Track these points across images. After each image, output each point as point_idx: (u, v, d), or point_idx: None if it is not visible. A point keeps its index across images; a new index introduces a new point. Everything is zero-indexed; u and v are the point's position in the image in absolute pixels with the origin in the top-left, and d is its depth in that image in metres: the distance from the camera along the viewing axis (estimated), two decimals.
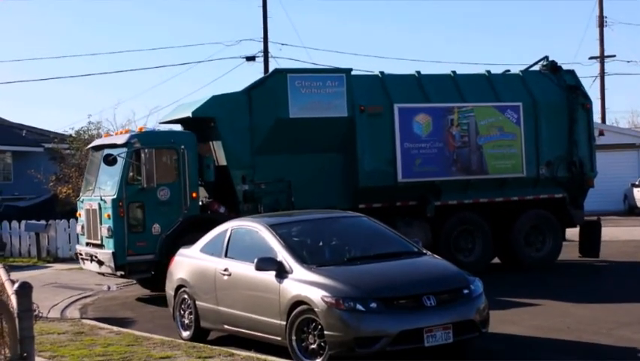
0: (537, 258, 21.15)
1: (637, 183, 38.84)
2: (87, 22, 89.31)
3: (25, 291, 8.01)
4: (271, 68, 35.31)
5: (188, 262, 13.74)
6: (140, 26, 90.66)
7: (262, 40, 42.74)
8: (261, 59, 42.51)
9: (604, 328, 13.29)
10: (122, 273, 18.21)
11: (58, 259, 27.11)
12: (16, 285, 8.12)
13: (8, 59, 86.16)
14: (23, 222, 28.42)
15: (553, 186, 21.48)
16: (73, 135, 35.41)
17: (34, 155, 41.15)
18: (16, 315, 7.98)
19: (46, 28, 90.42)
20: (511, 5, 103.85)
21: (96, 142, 20.66)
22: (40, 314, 12.16)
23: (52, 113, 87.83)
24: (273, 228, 12.48)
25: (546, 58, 22.43)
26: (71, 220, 26.60)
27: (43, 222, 27.98)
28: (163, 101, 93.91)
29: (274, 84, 19.45)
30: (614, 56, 50.74)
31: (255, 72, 68.17)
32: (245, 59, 42.57)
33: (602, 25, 48.97)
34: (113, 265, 17.95)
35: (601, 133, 24.28)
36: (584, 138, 21.85)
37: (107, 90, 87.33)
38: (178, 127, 21.02)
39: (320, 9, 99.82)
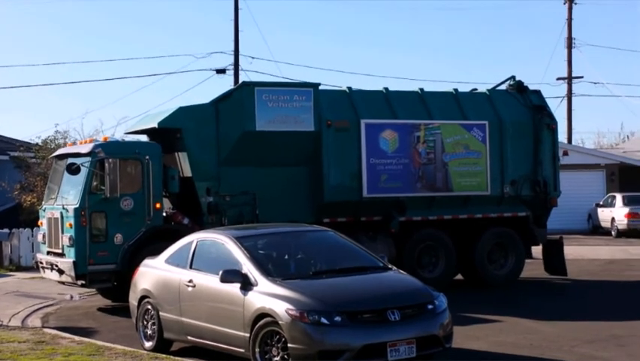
0: (500, 275, 21.26)
1: (601, 203, 39.23)
2: (58, 31, 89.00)
3: None
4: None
5: (153, 273, 13.65)
6: (111, 36, 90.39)
7: (233, 53, 42.68)
8: (232, 72, 42.41)
9: (566, 345, 13.36)
10: (83, 282, 18.07)
11: (20, 268, 26.91)
12: None
13: None
14: None
15: (517, 204, 21.60)
16: (40, 144, 35.16)
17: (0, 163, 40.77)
18: None
19: (15, 34, 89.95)
20: (481, 26, 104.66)
21: (60, 151, 20.51)
22: (0, 323, 12.11)
23: (19, 121, 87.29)
24: (239, 240, 12.45)
25: (513, 78, 22.56)
26: (35, 229, 26.31)
27: (6, 230, 27.74)
28: (132, 111, 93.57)
29: (241, 97, 19.43)
30: (582, 77, 51.37)
31: (225, 85, 67.94)
32: (215, 72, 42.45)
33: (570, 46, 49.40)
34: (73, 274, 17.81)
35: (565, 153, 24.49)
36: (548, 157, 22.00)
37: (76, 99, 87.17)
38: (144, 137, 20.92)
39: (291, 25, 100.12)
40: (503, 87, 22.67)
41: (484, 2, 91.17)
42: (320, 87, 20.19)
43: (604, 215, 38.70)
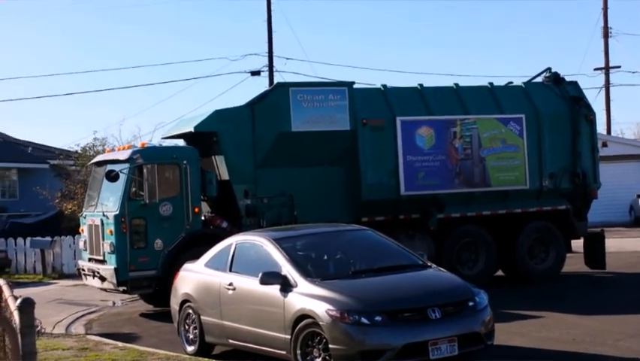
0: (541, 270, 21.09)
1: None
2: (96, 41, 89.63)
3: (27, 307, 7.98)
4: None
5: (193, 277, 13.71)
6: (146, 44, 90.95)
7: (267, 54, 42.70)
8: (266, 74, 42.43)
9: (610, 339, 13.24)
10: (125, 289, 18.18)
11: (63, 276, 27.15)
12: (19, 301, 8.09)
13: (17, 76, 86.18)
14: (28, 239, 28.46)
15: (556, 198, 21.43)
16: (79, 152, 35.48)
17: (40, 171, 41.21)
18: (18, 331, 7.95)
19: (55, 46, 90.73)
20: (516, 18, 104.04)
21: (98, 158, 20.65)
22: (43, 330, 12.19)
23: (58, 130, 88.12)
24: (278, 242, 12.46)
25: (549, 69, 22.38)
26: (76, 237, 26.56)
27: (48, 238, 27.99)
28: (168, 117, 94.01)
29: (276, 98, 19.46)
30: (619, 67, 50.74)
31: (260, 87, 67.91)
32: (250, 74, 42.51)
33: (606, 36, 48.95)
34: (115, 280, 17.92)
35: (604, 144, 24.33)
36: (587, 149, 21.78)
37: (113, 107, 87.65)
38: (181, 142, 21.02)
39: (324, 25, 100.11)
40: (539, 79, 22.47)
41: None
42: (354, 86, 20.18)
43: None
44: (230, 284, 12.62)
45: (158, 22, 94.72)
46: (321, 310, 10.87)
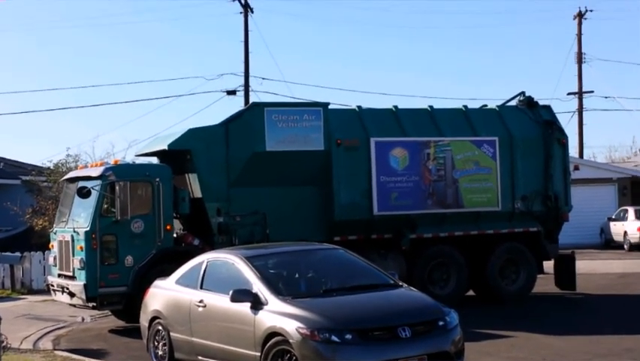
0: (512, 290, 21.19)
1: (613, 217, 39.09)
2: (67, 57, 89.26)
3: None
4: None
5: (164, 294, 13.66)
6: (120, 60, 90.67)
7: (243, 74, 42.73)
8: (242, 93, 42.46)
9: (579, 359, 13.32)
10: (94, 305, 18.08)
11: (32, 291, 26.95)
12: None
13: None
14: None
15: (528, 220, 21.54)
16: (51, 168, 35.29)
17: (11, 187, 40.88)
18: None
19: (25, 61, 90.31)
20: (490, 43, 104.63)
21: (71, 174, 20.56)
22: (9, 345, 12.10)
23: (30, 146, 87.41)
24: (249, 260, 12.44)
25: (522, 93, 22.55)
26: (46, 252, 26.42)
27: (17, 254, 27.80)
28: (143, 134, 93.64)
29: (251, 117, 19.48)
30: (592, 91, 51.26)
31: (235, 106, 68.09)
32: (226, 93, 42.51)
33: (580, 61, 49.41)
34: (84, 296, 17.83)
35: (576, 168, 24.42)
36: (559, 172, 21.94)
37: (87, 123, 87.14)
38: (154, 160, 20.97)
39: (301, 46, 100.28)
40: (513, 103, 22.65)
41: (493, 20, 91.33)
42: (329, 106, 20.23)
43: (616, 229, 38.56)
44: (201, 301, 12.59)
45: (133, 39, 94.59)
46: (292, 328, 10.86)
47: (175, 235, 19.02)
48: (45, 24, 67.93)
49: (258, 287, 11.74)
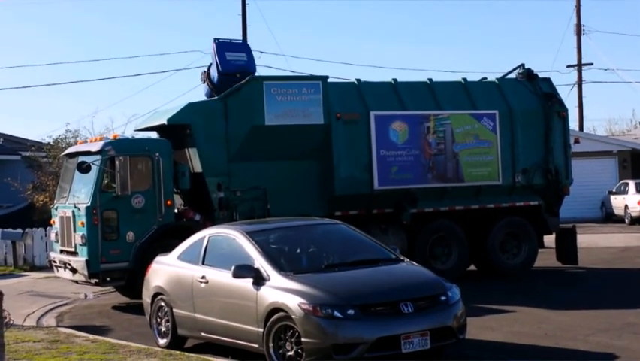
0: (513, 265, 21.20)
1: (614, 190, 39.05)
2: (66, 33, 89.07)
3: None
4: None
5: (166, 270, 13.66)
6: (119, 36, 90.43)
7: None
8: None
9: (581, 334, 13.32)
10: (96, 281, 18.09)
11: (34, 268, 26.99)
12: None
13: None
14: None
15: (528, 193, 21.53)
16: (51, 144, 35.23)
17: (11, 163, 40.81)
18: None
19: (24, 37, 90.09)
20: (488, 15, 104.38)
21: (70, 149, 20.52)
22: (12, 322, 12.07)
23: (30, 122, 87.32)
24: (251, 235, 12.44)
25: (522, 66, 22.48)
26: (48, 228, 26.39)
27: (19, 230, 27.81)
28: (142, 109, 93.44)
29: (250, 91, 19.39)
30: (592, 64, 50.95)
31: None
32: None
33: (579, 33, 49.16)
34: (86, 272, 17.84)
35: (576, 141, 24.38)
36: (559, 145, 21.89)
37: (86, 99, 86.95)
38: (154, 134, 20.93)
39: (299, 19, 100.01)
40: (513, 76, 22.58)
41: None
42: (328, 80, 20.15)
43: (617, 202, 38.54)
44: (203, 277, 12.59)
45: (132, 14, 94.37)
46: (294, 303, 10.87)
47: (176, 211, 19.00)
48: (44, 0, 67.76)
49: (260, 263, 11.75)
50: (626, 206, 37.49)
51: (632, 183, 37.84)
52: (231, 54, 20.33)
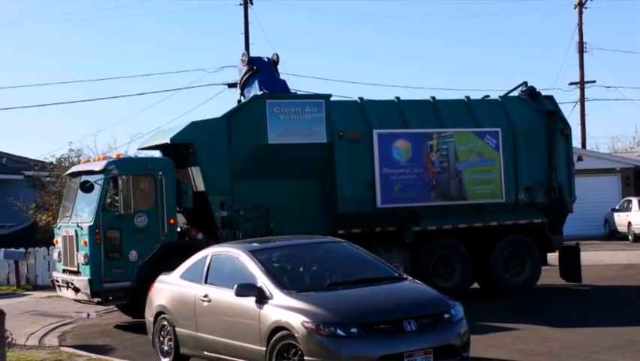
0: (516, 283, 21.16)
1: (617, 207, 39.01)
2: (68, 53, 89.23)
3: None
4: None
5: (168, 289, 13.63)
6: (123, 55, 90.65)
7: None
8: None
9: (585, 352, 13.28)
10: (99, 300, 18.06)
11: (37, 287, 26.98)
12: None
13: None
14: (2, 250, 28.22)
15: (532, 211, 21.50)
16: (54, 163, 35.28)
17: (14, 182, 40.84)
18: None
19: (28, 58, 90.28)
20: (491, 33, 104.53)
21: (73, 169, 20.55)
22: (14, 341, 12.10)
23: (33, 141, 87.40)
24: (254, 253, 12.42)
25: (525, 83, 22.49)
26: (51, 248, 26.39)
27: (22, 250, 27.81)
28: (145, 128, 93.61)
29: (253, 110, 19.42)
30: (594, 81, 50.85)
31: (236, 99, 67.95)
32: (227, 86, 42.36)
33: (581, 51, 49.18)
34: (89, 291, 17.81)
35: (579, 158, 24.33)
36: (562, 163, 21.89)
37: (89, 118, 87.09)
38: (157, 153, 20.94)
39: (301, 38, 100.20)
40: (515, 93, 22.59)
41: (493, 9, 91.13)
42: (331, 98, 20.18)
43: (620, 220, 38.50)
44: (206, 296, 12.57)
45: (135, 34, 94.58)
46: (297, 322, 10.84)
47: (179, 229, 18.99)
48: (45, 17, 67.98)
49: (263, 281, 11.72)
50: (629, 223, 37.43)
51: (635, 201, 37.79)
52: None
